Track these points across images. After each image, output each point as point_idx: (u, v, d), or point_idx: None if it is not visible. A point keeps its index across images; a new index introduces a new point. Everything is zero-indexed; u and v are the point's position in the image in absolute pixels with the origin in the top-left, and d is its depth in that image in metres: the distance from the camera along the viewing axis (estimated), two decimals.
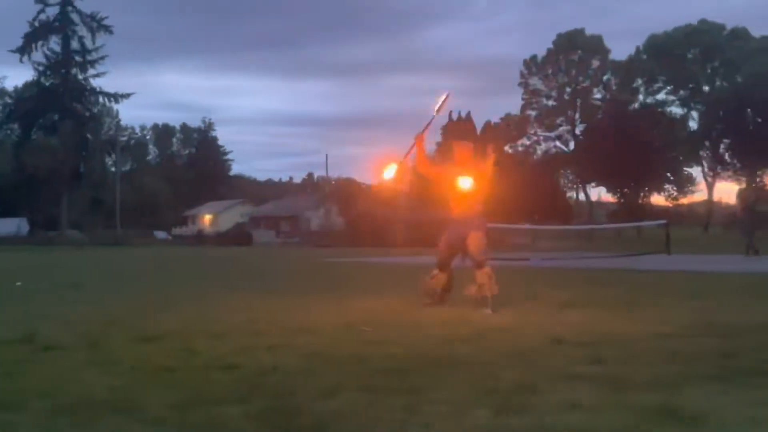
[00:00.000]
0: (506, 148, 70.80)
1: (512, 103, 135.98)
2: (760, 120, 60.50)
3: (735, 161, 64.33)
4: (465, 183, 8.51)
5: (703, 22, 66.23)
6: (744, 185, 63.40)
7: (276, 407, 3.90)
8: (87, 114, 60.63)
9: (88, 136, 60.51)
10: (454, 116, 66.42)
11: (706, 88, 66.95)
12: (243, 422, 3.67)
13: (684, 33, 65.55)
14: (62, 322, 7.56)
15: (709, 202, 70.81)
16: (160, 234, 66.02)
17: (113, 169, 65.61)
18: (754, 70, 59.80)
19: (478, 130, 66.02)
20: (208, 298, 9.93)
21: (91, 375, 4.86)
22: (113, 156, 66.44)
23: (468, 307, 8.25)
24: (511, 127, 72.10)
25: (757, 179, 64.42)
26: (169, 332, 6.68)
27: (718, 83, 66.33)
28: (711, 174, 67.43)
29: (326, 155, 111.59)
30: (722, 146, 64.91)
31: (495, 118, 71.53)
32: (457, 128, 64.34)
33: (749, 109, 60.51)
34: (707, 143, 65.42)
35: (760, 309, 7.96)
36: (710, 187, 68.26)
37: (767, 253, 19.99)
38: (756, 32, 65.39)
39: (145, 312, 8.40)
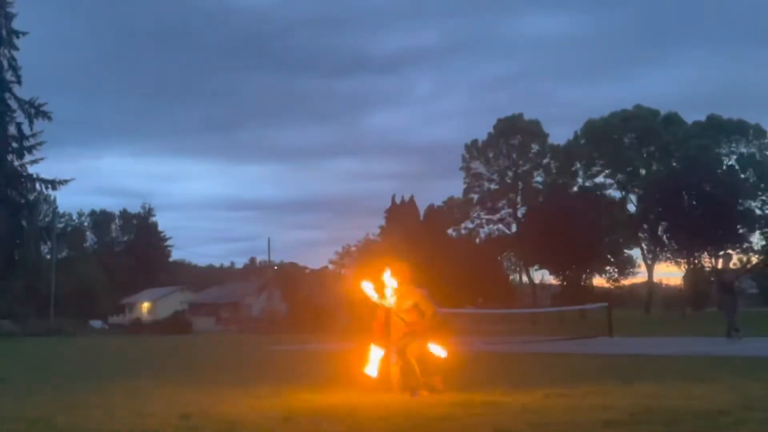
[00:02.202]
0: (449, 231, 71.48)
1: (455, 186, 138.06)
2: (695, 203, 62.27)
3: (672, 243, 65.83)
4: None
5: (638, 107, 68.54)
6: (688, 268, 64.83)
7: None
8: (22, 201, 59.52)
9: (23, 223, 59.34)
10: (398, 200, 67.02)
11: (643, 172, 68.86)
12: None
13: (620, 118, 67.69)
14: None
15: (650, 284, 72.02)
16: (96, 323, 64.56)
17: (49, 257, 64.26)
18: (687, 154, 61.88)
19: (421, 213, 66.61)
20: (141, 391, 9.62)
21: None
22: (49, 243, 65.16)
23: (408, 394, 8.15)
24: (454, 210, 72.93)
25: (695, 260, 65.89)
26: (97, 430, 6.43)
27: (654, 167, 68.30)
28: (650, 256, 68.79)
29: (268, 239, 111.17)
30: (660, 228, 66.46)
31: (438, 201, 72.38)
32: (400, 212, 64.89)
33: (684, 193, 62.30)
34: (645, 226, 66.93)
35: (699, 393, 8.01)
36: (650, 269, 69.56)
37: (747, 334, 19.55)
38: (688, 118, 67.96)
39: (73, 407, 8.08)
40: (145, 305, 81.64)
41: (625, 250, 70.16)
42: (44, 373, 14.56)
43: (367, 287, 9.21)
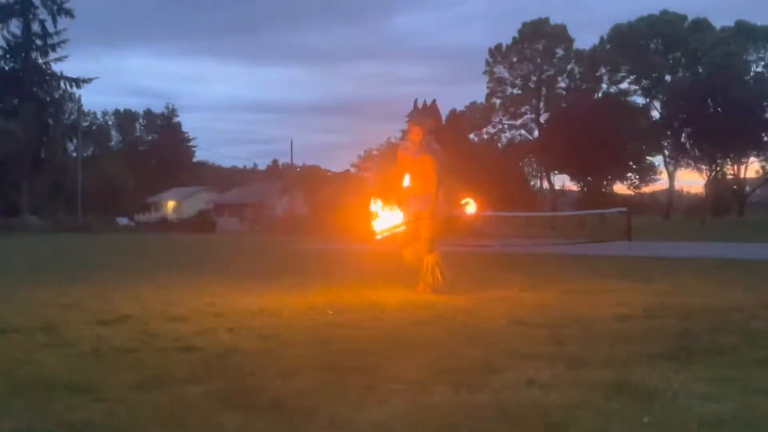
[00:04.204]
0: (471, 136, 71.07)
1: (477, 91, 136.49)
2: (720, 110, 61.33)
3: (695, 150, 65.18)
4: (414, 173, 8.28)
5: (665, 12, 66.85)
6: (710, 176, 64.38)
7: (235, 387, 3.91)
8: (48, 99, 59.63)
9: (50, 121, 59.57)
10: (420, 103, 66.45)
11: (668, 78, 67.66)
12: (202, 401, 3.67)
13: (647, 23, 66.12)
14: (21, 305, 7.48)
15: (670, 191, 71.68)
16: (123, 220, 65.34)
17: (74, 154, 64.72)
18: (714, 61, 60.60)
19: (444, 117, 66.16)
20: (169, 283, 9.87)
21: (48, 357, 4.82)
22: (75, 141, 65.55)
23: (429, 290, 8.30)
24: (476, 115, 72.34)
25: (717, 168, 65.39)
26: (128, 315, 6.65)
27: (680, 73, 67.06)
28: (672, 163, 68.25)
29: (291, 142, 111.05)
30: (683, 135, 65.70)
31: (460, 106, 71.76)
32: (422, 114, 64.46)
33: (710, 99, 61.31)
34: (669, 132, 66.17)
35: (713, 292, 8.11)
36: (671, 176, 69.12)
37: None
38: (717, 23, 66.26)
39: (105, 296, 8.33)
40: (171, 204, 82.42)
41: (647, 157, 69.57)
42: (76, 266, 14.90)
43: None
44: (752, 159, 65.86)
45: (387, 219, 8.55)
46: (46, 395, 3.79)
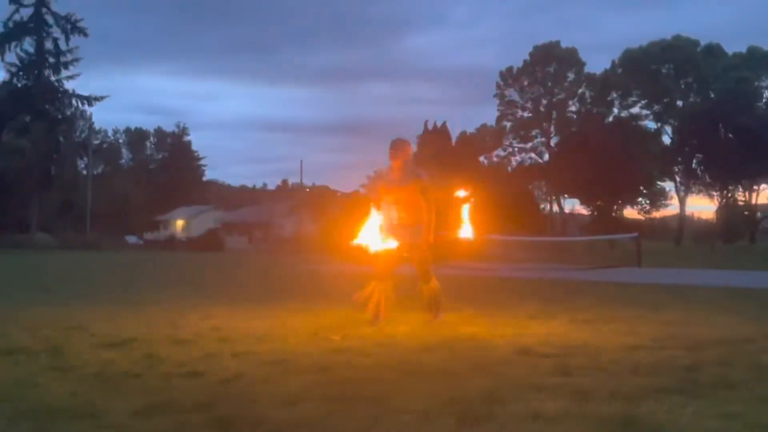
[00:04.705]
0: (481, 158, 71.17)
1: (488, 113, 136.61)
2: (731, 136, 61.28)
3: (706, 176, 65.09)
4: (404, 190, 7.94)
5: (677, 37, 67.04)
6: (721, 201, 64.23)
7: (238, 415, 3.89)
8: (59, 116, 60.05)
9: (60, 138, 59.99)
10: (430, 125, 66.65)
11: (680, 103, 67.72)
12: (205, 430, 3.66)
13: (659, 48, 66.32)
14: (26, 326, 7.49)
15: (681, 216, 71.55)
16: (131, 238, 65.58)
17: (85, 172, 65.09)
18: (726, 87, 60.66)
19: (454, 139, 66.27)
20: (175, 305, 9.87)
21: (53, 380, 4.82)
22: (85, 159, 65.95)
23: (438, 316, 8.26)
24: (486, 138, 72.49)
25: (728, 194, 65.24)
26: (133, 338, 6.65)
27: (691, 98, 67.12)
28: (683, 188, 68.15)
29: (301, 161, 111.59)
30: (694, 161, 65.66)
31: (471, 129, 71.98)
32: (433, 137, 64.59)
33: (721, 125, 61.29)
34: (680, 158, 66.14)
35: (723, 322, 8.05)
36: (682, 202, 69.06)
37: None
38: (729, 49, 66.39)
39: (111, 317, 8.34)
40: (179, 222, 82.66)
41: (658, 182, 69.55)
42: (83, 285, 14.94)
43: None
44: (763, 186, 65.74)
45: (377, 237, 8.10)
46: (50, 421, 3.79)
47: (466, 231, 8.46)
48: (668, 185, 69.86)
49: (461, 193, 8.57)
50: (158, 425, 3.73)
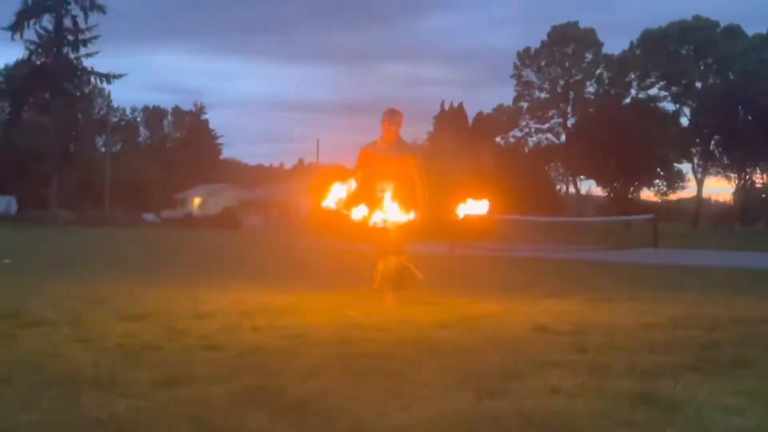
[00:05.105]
0: (498, 139, 70.91)
1: (505, 94, 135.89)
2: (750, 117, 60.73)
3: (724, 158, 64.58)
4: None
5: (697, 18, 66.30)
6: (739, 184, 63.77)
7: (258, 387, 3.93)
8: (78, 94, 60.23)
9: (79, 115, 60.19)
10: (447, 106, 66.46)
11: (699, 85, 67.10)
12: (226, 400, 3.70)
13: (678, 28, 65.62)
14: (49, 299, 7.56)
15: (698, 198, 71.09)
16: (149, 216, 65.80)
17: (103, 149, 65.32)
18: (745, 68, 60.03)
19: (470, 120, 66.06)
20: (195, 280, 9.94)
21: (75, 351, 4.87)
22: (104, 136, 66.18)
23: (452, 295, 8.28)
24: (503, 119, 72.19)
25: (746, 176, 64.76)
26: (155, 312, 6.71)
27: (710, 80, 66.48)
28: (701, 170, 67.67)
29: (317, 141, 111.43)
30: (712, 143, 65.14)
31: (487, 109, 71.66)
32: (449, 118, 64.42)
33: (740, 107, 60.74)
34: (698, 140, 65.63)
35: (740, 302, 8.03)
36: (700, 184, 68.55)
37: None
38: (749, 30, 65.64)
39: (131, 291, 8.41)
40: (197, 200, 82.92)
41: (675, 164, 69.09)
42: (102, 260, 15.06)
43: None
44: None
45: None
46: (73, 390, 3.83)
47: (474, 207, 7.99)
48: (685, 167, 69.42)
49: (481, 210, 7.99)
50: (179, 395, 3.76)
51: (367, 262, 8.02)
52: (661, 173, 68.09)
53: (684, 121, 67.99)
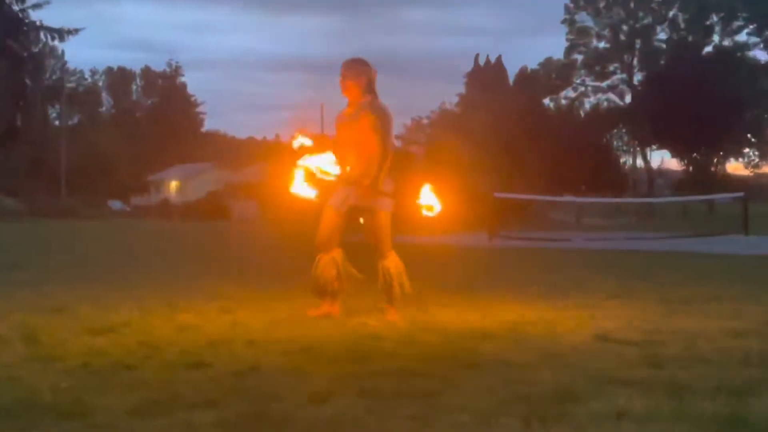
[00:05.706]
0: (546, 101, 70.70)
1: (555, 45, 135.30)
2: None
3: None
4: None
5: None
6: None
7: (256, 414, 3.96)
8: (25, 54, 60.49)
9: (27, 81, 60.49)
10: (482, 61, 66.25)
11: None
12: (215, 431, 3.73)
13: None
14: None
15: None
16: (116, 204, 66.23)
17: (57, 122, 65.76)
18: None
19: (511, 78, 65.86)
20: (174, 283, 10.00)
21: (33, 373, 4.92)
22: (57, 106, 66.59)
23: (493, 297, 8.29)
24: (552, 76, 71.90)
25: None
26: (126, 323, 6.76)
27: None
28: None
29: (321, 107, 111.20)
30: None
31: (532, 64, 71.33)
32: (485, 76, 64.21)
33: None
34: None
35: None
36: None
37: None
38: None
39: (97, 298, 8.46)
40: (174, 184, 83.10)
41: None
42: (61, 260, 15.15)
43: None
44: None
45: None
46: (32, 420, 3.88)
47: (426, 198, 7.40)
48: None
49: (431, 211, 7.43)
50: (158, 426, 3.80)
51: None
52: (753, 140, 67.71)
53: None
